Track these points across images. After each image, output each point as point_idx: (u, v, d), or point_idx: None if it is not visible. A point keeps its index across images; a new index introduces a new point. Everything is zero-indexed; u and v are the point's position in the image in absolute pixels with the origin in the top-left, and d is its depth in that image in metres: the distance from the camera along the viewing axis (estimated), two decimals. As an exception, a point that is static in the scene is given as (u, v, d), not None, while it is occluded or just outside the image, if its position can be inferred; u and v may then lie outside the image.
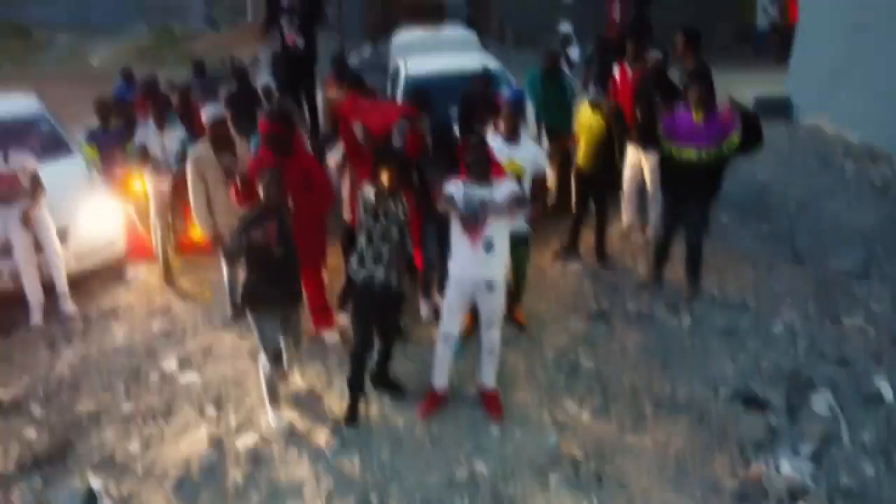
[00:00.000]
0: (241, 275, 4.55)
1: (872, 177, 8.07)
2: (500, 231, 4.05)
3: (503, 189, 4.06)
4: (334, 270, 5.76)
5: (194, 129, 7.71)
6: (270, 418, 4.40)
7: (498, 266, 4.11)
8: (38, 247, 5.92)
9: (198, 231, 5.89)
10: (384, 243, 4.13)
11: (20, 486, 4.09)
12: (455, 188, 4.03)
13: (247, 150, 5.38)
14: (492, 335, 4.25)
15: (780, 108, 10.80)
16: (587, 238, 6.35)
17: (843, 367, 4.70)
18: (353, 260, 4.22)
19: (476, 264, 4.05)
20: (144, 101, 7.87)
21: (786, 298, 5.53)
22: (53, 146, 7.24)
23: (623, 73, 6.76)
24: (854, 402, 4.37)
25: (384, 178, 4.03)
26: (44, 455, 4.30)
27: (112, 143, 7.13)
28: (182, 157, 6.70)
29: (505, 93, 5.55)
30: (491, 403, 4.40)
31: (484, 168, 4.02)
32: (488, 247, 4.01)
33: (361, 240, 4.18)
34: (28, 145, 7.03)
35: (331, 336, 5.19)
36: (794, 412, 4.30)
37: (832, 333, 5.07)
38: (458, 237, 4.05)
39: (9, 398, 4.89)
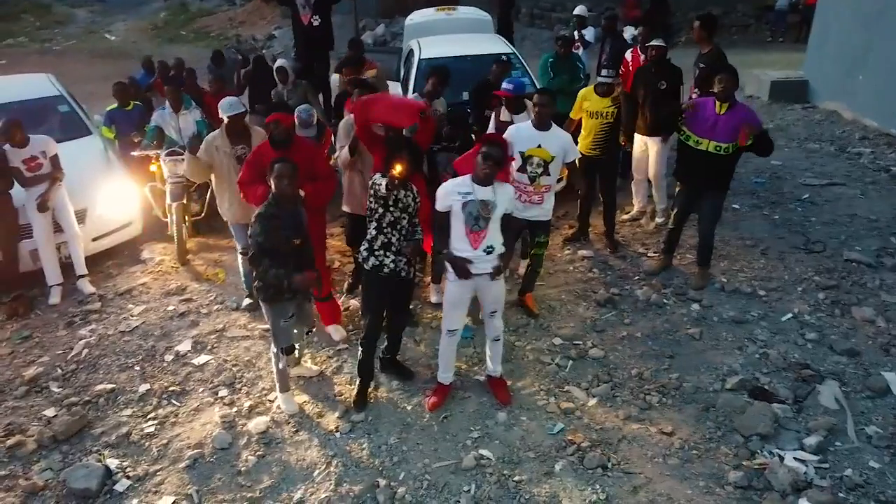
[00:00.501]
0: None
1: (888, 164, 7.98)
2: (497, 232, 4.07)
3: (506, 193, 4.07)
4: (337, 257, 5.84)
5: (212, 116, 7.80)
6: (282, 404, 4.48)
7: (496, 258, 4.13)
8: (57, 228, 6.04)
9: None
10: (394, 232, 4.17)
11: (40, 464, 4.21)
12: (459, 190, 4.01)
13: (263, 140, 5.40)
14: (496, 322, 4.30)
15: (798, 91, 10.69)
16: (597, 224, 6.37)
17: (851, 358, 4.70)
18: (363, 248, 4.26)
19: (476, 264, 4.07)
20: (162, 83, 7.96)
21: (796, 288, 5.53)
22: (72, 127, 7.35)
23: (636, 56, 6.73)
24: (861, 395, 4.38)
25: (396, 167, 4.04)
26: (62, 434, 4.40)
27: (130, 124, 7.18)
28: (197, 139, 6.82)
29: (506, 84, 5.51)
30: (499, 390, 4.46)
31: (492, 175, 4.01)
32: (488, 250, 4.03)
33: (371, 228, 4.21)
34: (47, 126, 7.18)
35: (337, 332, 5.23)
36: (800, 404, 4.32)
37: (842, 324, 5.07)
38: (459, 238, 4.04)
39: (29, 377, 5.00)
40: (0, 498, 3.99)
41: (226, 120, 5.15)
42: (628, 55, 6.85)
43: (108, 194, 6.52)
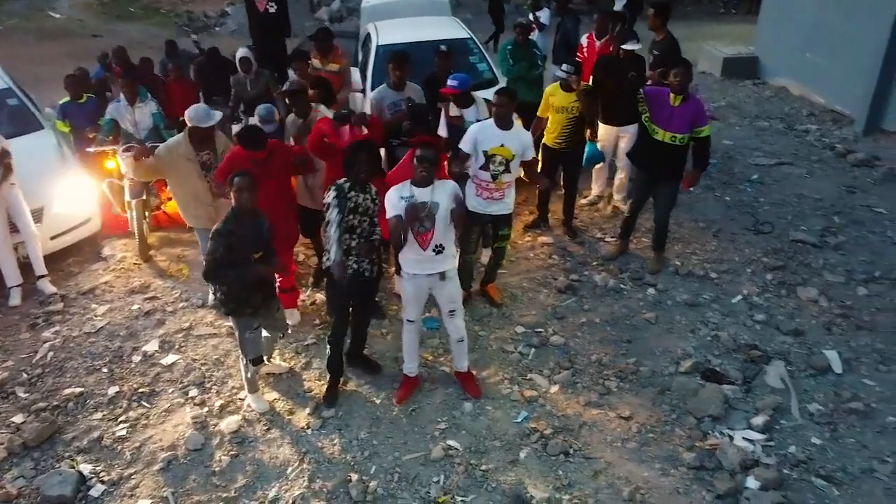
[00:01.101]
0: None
1: (833, 141, 8.28)
2: (445, 230, 4.14)
3: (446, 190, 4.14)
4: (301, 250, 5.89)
5: (172, 104, 7.70)
6: (252, 404, 4.57)
7: (448, 259, 4.22)
8: (14, 228, 5.95)
9: (172, 206, 5.97)
10: (353, 236, 4.23)
11: (12, 472, 4.24)
12: (401, 195, 4.08)
13: (226, 144, 5.38)
14: (456, 323, 4.41)
15: (749, 68, 10.95)
16: (556, 209, 6.53)
17: (796, 338, 4.97)
18: (326, 252, 4.32)
19: (427, 264, 4.17)
20: (122, 71, 7.80)
21: (746, 269, 5.78)
22: (22, 121, 7.15)
23: (591, 43, 6.84)
24: (805, 373, 4.65)
25: (353, 172, 4.11)
26: (33, 441, 4.42)
27: (84, 117, 7.05)
28: (155, 132, 6.76)
29: (451, 81, 5.54)
30: (468, 384, 4.61)
31: (430, 178, 4.09)
32: (438, 250, 4.13)
33: (332, 232, 4.25)
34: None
35: (292, 315, 5.31)
36: (749, 384, 4.57)
37: (788, 305, 5.33)
38: (408, 241, 4.11)
39: (-6, 382, 4.99)
40: (-26, 508, 4.03)
41: (191, 127, 5.08)
42: (584, 41, 6.95)
43: (64, 191, 6.41)
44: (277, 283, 4.82)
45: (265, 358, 4.78)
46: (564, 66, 5.82)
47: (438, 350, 5.05)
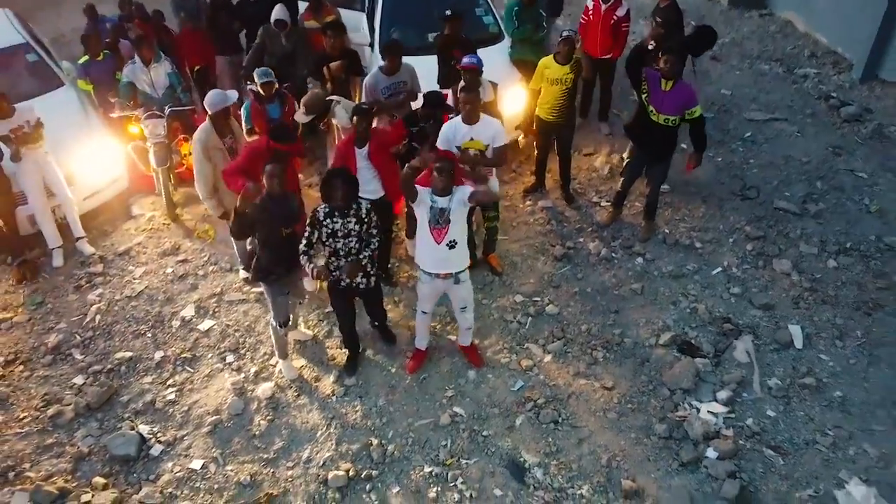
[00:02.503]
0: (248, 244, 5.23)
1: (829, 90, 8.50)
2: (460, 229, 4.58)
3: (460, 195, 4.53)
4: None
5: (186, 58, 7.84)
6: (283, 370, 5.22)
7: (461, 259, 4.67)
8: (50, 192, 6.40)
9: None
10: (339, 258, 4.65)
11: (81, 431, 4.96)
12: (424, 199, 4.47)
13: (239, 130, 5.71)
14: (466, 315, 4.95)
15: None
16: (554, 170, 6.88)
17: (766, 312, 5.55)
18: (328, 250, 4.76)
19: (442, 261, 4.61)
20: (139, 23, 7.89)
21: (728, 239, 6.27)
22: (43, 78, 7.40)
23: (597, 7, 6.97)
24: (769, 347, 5.26)
25: (335, 196, 4.50)
26: (95, 403, 5.12)
27: (105, 74, 7.30)
28: (171, 92, 7.04)
29: (469, 59, 5.76)
30: (472, 355, 5.23)
31: (448, 186, 4.47)
32: (451, 245, 4.58)
33: (327, 253, 4.69)
34: (15, 80, 7.25)
35: (309, 283, 5.85)
36: (719, 357, 5.20)
37: (762, 277, 5.87)
38: (424, 234, 4.54)
39: (52, 344, 5.63)
40: (53, 464, 4.77)
41: (212, 116, 5.41)
42: (590, 3, 7.06)
43: (93, 153, 6.78)
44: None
45: (294, 325, 5.41)
46: (565, 32, 6.01)
47: (445, 318, 5.65)
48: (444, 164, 4.44)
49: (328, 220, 4.54)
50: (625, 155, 6.91)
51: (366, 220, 4.62)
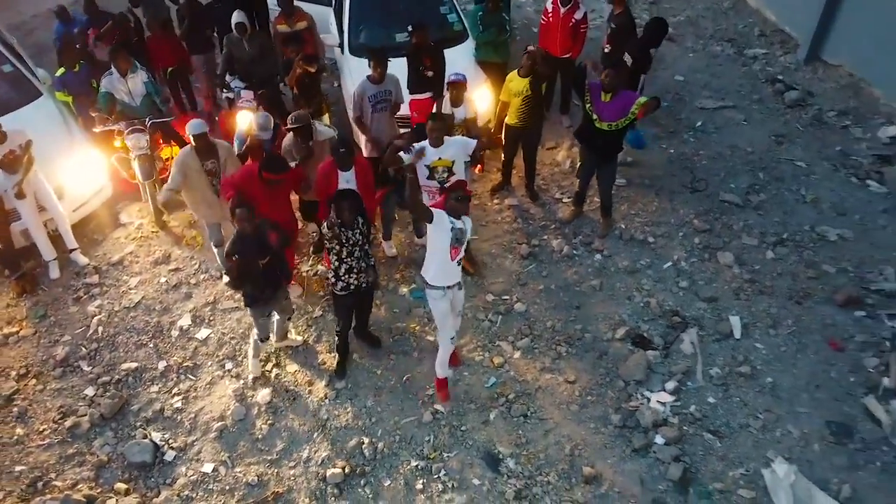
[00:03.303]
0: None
1: (776, 72, 9.03)
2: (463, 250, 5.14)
3: (468, 221, 5.06)
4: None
5: (158, 59, 8.05)
6: (250, 366, 5.78)
7: (460, 269, 5.22)
8: (41, 207, 6.71)
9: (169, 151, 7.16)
10: (352, 259, 5.17)
11: (98, 441, 5.49)
12: (444, 221, 4.86)
13: (228, 150, 6.07)
14: (458, 319, 5.48)
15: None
16: (520, 167, 7.36)
17: (710, 304, 6.20)
18: (331, 276, 5.28)
19: (453, 273, 5.11)
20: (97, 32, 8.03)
21: (678, 233, 6.87)
22: (20, 90, 7.56)
23: (556, 8, 7.34)
24: (712, 338, 5.94)
25: (341, 215, 5.00)
26: (108, 413, 5.63)
27: (82, 85, 7.51)
28: (148, 100, 7.31)
29: (456, 75, 6.20)
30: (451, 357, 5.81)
31: (463, 212, 4.95)
32: (459, 262, 5.10)
33: (334, 259, 5.20)
34: (-6, 95, 7.41)
35: (295, 289, 6.38)
36: (667, 349, 5.87)
37: (708, 270, 6.51)
38: (442, 254, 4.95)
39: (59, 357, 6.09)
40: (77, 472, 5.30)
41: (194, 140, 5.78)
42: (549, 6, 7.41)
43: (78, 166, 7.07)
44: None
45: (284, 334, 5.94)
46: (529, 47, 6.43)
47: (424, 320, 6.21)
48: (464, 194, 4.88)
49: (341, 231, 5.07)
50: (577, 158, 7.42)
51: (365, 231, 5.20)
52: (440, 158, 5.66)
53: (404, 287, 6.51)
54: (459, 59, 7.56)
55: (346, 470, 5.16)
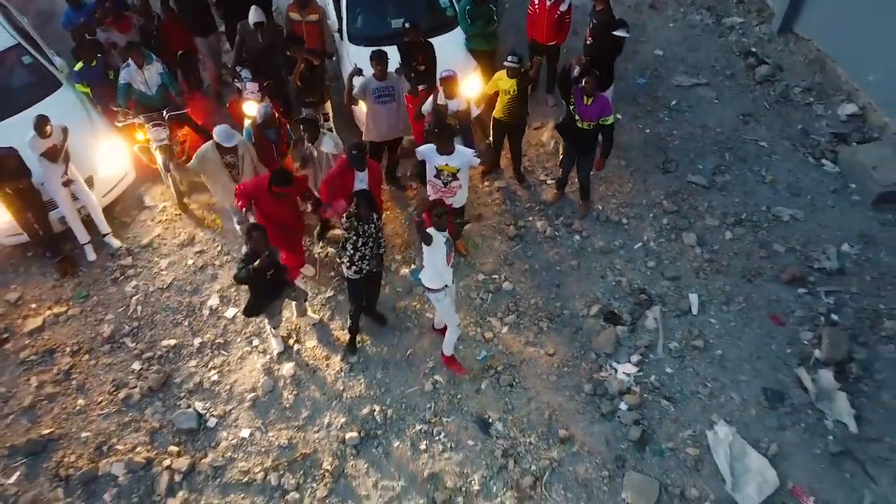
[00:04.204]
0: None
1: (750, 43, 9.58)
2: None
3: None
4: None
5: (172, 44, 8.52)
6: (273, 344, 6.73)
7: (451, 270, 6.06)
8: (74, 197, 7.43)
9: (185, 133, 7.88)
10: (366, 248, 6.01)
11: (149, 410, 6.47)
12: (439, 237, 5.66)
13: (245, 146, 6.75)
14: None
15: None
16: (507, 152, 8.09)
17: (673, 282, 7.10)
18: (346, 263, 6.11)
19: (447, 275, 5.92)
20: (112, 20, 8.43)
21: (649, 214, 7.69)
22: (41, 81, 8.07)
23: (542, 2, 7.85)
24: (673, 314, 6.87)
25: (359, 211, 5.79)
26: (155, 385, 6.59)
27: (99, 76, 8.03)
28: (163, 90, 7.89)
29: (445, 72, 6.83)
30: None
31: (445, 227, 5.68)
32: (452, 266, 5.93)
33: (349, 248, 6.03)
34: (14, 88, 7.94)
35: (308, 269, 7.23)
36: (634, 325, 6.81)
37: (673, 250, 7.37)
38: (443, 260, 5.73)
39: (106, 335, 6.99)
40: (134, 438, 6.31)
41: (218, 146, 6.48)
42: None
43: (105, 155, 7.75)
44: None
45: (304, 312, 6.83)
46: (510, 58, 7.00)
47: (424, 298, 7.09)
48: (444, 210, 5.63)
49: (359, 224, 5.89)
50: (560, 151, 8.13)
51: (379, 224, 6.03)
52: (447, 165, 6.38)
53: (405, 268, 7.36)
54: (450, 46, 8.11)
55: (361, 434, 6.18)
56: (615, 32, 7.34)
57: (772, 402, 6.19)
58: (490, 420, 6.24)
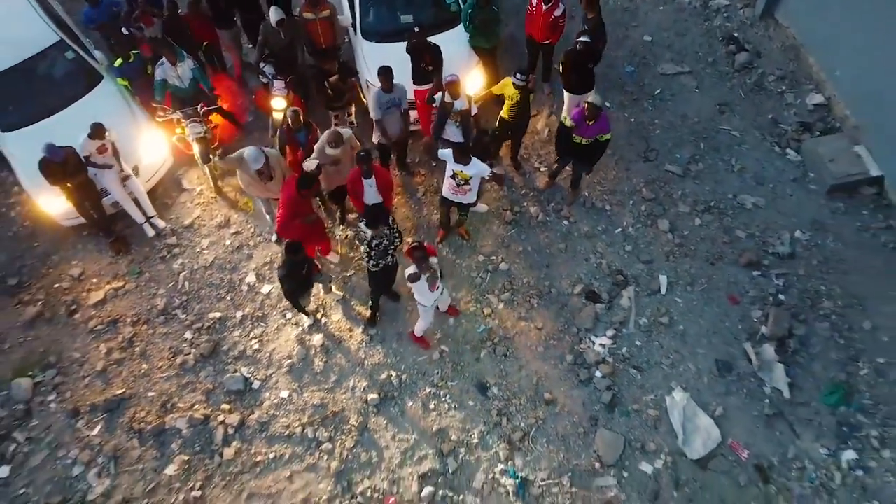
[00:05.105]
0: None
1: (734, 28, 10.33)
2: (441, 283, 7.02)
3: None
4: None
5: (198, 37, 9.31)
6: (305, 318, 7.93)
7: (444, 291, 7.14)
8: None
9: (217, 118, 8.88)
10: (380, 250, 7.10)
11: (202, 373, 7.75)
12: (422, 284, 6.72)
13: (276, 156, 7.71)
14: (446, 298, 7.55)
15: None
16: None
17: (646, 265, 8.23)
18: (364, 258, 7.19)
19: (435, 296, 7.00)
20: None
21: (629, 201, 8.73)
22: (83, 75, 8.90)
23: (539, 5, 8.63)
24: (645, 294, 8.04)
25: (370, 226, 6.85)
26: (206, 352, 7.84)
27: (137, 71, 8.89)
28: (195, 84, 8.77)
29: (449, 77, 7.72)
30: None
31: (424, 268, 6.64)
32: (441, 291, 7.05)
33: (364, 250, 7.10)
34: (60, 84, 8.77)
35: (333, 256, 8.35)
36: (611, 303, 7.99)
37: (648, 235, 8.45)
38: (426, 290, 6.78)
39: (160, 308, 8.19)
40: (192, 397, 7.61)
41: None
42: (534, 1, 8.64)
43: (147, 146, 8.72)
44: (319, 251, 8.01)
45: (329, 290, 8.01)
46: (519, 76, 7.86)
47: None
48: (424, 254, 6.62)
49: (375, 239, 6.96)
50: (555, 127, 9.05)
51: (394, 231, 7.09)
52: (462, 171, 7.38)
53: (416, 250, 8.47)
54: (454, 42, 8.91)
55: (381, 395, 7.48)
56: (580, 38, 8.12)
57: (721, 371, 7.45)
58: (487, 384, 7.52)
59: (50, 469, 7.19)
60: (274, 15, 8.64)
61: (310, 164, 7.34)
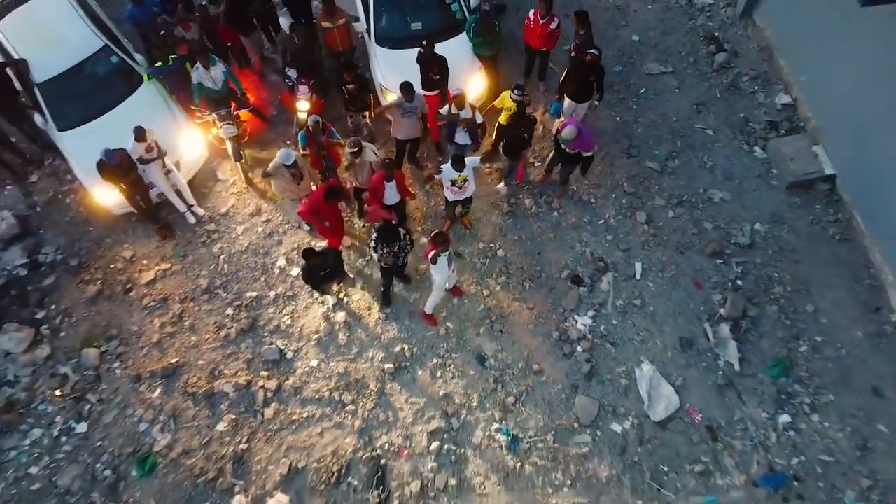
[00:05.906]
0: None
1: (715, 27, 11.29)
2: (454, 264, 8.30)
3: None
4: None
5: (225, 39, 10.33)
6: (329, 298, 9.23)
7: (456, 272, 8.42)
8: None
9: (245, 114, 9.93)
10: (391, 255, 8.32)
11: (242, 345, 9.11)
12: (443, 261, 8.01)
13: (303, 161, 8.85)
14: (455, 278, 8.83)
15: None
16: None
17: (625, 253, 9.48)
18: (383, 256, 8.41)
19: (453, 275, 8.32)
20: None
21: (612, 194, 9.91)
22: (126, 78, 9.94)
23: (536, 19, 9.62)
24: (622, 279, 9.32)
25: (383, 238, 8.08)
26: (245, 327, 9.19)
27: (176, 75, 9.93)
28: (226, 85, 9.85)
29: (455, 90, 8.82)
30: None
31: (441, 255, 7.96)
32: (453, 270, 8.32)
33: (385, 246, 8.32)
34: (107, 88, 9.81)
35: (346, 241, 9.59)
36: (593, 286, 9.28)
37: (627, 226, 9.67)
38: (445, 269, 8.11)
39: (203, 287, 9.49)
40: (236, 366, 8.99)
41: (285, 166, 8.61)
42: (531, 15, 9.61)
43: (186, 142, 9.84)
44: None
45: (353, 284, 9.30)
46: (517, 91, 8.91)
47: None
48: (444, 239, 7.89)
49: (386, 247, 8.18)
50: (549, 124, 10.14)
51: (405, 238, 8.30)
52: (460, 175, 8.56)
53: (424, 238, 9.70)
54: (459, 49, 9.91)
55: (395, 365, 8.86)
56: (589, 50, 9.15)
57: (684, 347, 8.80)
58: (486, 356, 8.89)
59: (121, 425, 8.64)
60: (284, 21, 9.69)
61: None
